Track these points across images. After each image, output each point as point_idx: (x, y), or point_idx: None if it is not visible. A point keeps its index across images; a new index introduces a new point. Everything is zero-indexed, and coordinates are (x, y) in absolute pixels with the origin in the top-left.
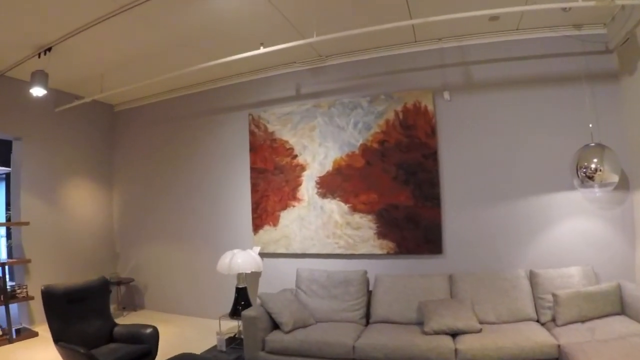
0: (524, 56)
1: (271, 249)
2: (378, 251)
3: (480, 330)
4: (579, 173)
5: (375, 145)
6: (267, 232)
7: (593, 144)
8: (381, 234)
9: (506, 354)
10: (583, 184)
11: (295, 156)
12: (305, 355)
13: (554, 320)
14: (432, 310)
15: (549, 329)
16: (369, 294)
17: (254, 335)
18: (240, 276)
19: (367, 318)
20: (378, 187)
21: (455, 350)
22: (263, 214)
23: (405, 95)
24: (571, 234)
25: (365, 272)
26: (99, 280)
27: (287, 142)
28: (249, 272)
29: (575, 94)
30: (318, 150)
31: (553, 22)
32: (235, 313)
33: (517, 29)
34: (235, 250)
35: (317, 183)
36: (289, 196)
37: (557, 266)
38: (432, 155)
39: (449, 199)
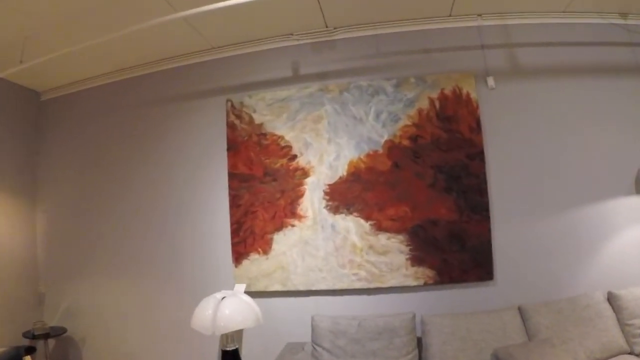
0: (576, 42)
1: (260, 286)
2: (412, 282)
3: None
4: None
5: (406, 142)
6: (255, 263)
7: None
8: (416, 259)
9: None
10: None
11: (295, 157)
12: None
13: None
14: None
15: None
16: (419, 344)
17: None
18: (226, 334)
19: None
20: (411, 197)
21: None
22: (248, 238)
23: (442, 79)
24: (635, 245)
25: (414, 316)
26: (6, 354)
27: (281, 137)
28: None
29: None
30: (327, 148)
31: (601, 8)
32: None
33: (564, 12)
34: (219, 294)
35: (326, 193)
36: (286, 212)
37: (622, 285)
38: (478, 155)
39: (498, 209)
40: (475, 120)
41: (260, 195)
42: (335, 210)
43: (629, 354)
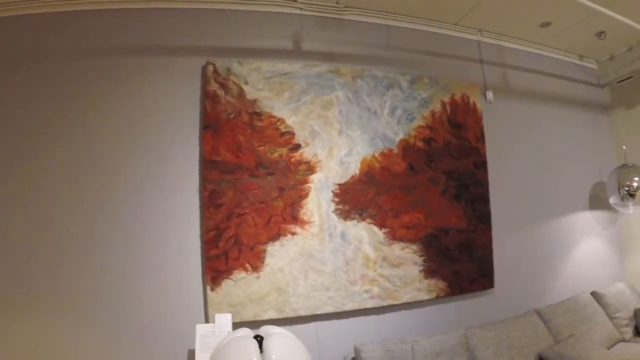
0: (552, 73)
1: (249, 315)
2: (425, 296)
3: None
4: (620, 191)
5: (420, 144)
6: (241, 284)
7: (630, 165)
8: (429, 271)
9: None
10: (622, 202)
11: (298, 147)
12: None
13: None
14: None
15: None
16: None
17: None
18: None
19: None
20: (425, 204)
21: None
22: (232, 250)
23: (453, 85)
24: (585, 252)
25: (466, 331)
26: None
27: (281, 121)
28: None
29: (597, 118)
30: (337, 141)
31: (567, 47)
32: None
33: (544, 44)
34: (241, 331)
35: (336, 194)
36: (286, 216)
37: (590, 286)
38: (483, 165)
39: (497, 219)
40: (480, 130)
41: (251, 193)
42: (346, 215)
43: (623, 341)
